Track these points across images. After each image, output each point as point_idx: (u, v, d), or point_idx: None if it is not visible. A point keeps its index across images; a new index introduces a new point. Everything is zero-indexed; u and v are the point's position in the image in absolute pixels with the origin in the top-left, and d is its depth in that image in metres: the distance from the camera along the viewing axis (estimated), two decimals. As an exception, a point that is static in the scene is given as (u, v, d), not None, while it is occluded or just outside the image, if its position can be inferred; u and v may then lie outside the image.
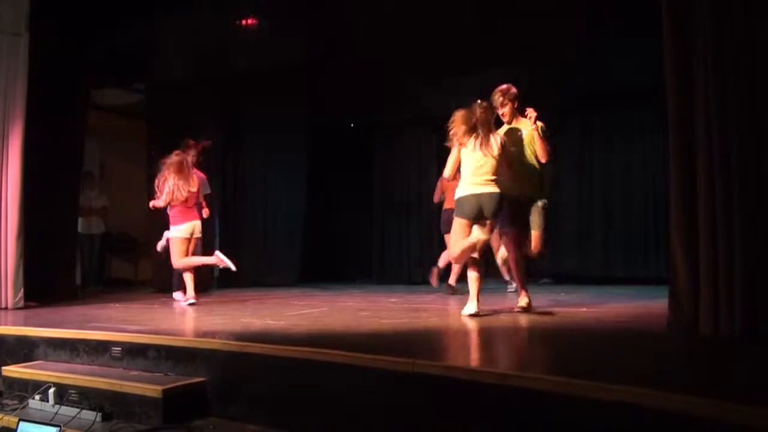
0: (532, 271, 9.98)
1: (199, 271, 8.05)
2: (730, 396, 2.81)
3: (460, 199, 5.89)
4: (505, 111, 6.13)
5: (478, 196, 5.77)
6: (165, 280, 8.94)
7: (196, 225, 7.77)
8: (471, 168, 5.83)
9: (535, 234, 5.99)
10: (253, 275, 10.74)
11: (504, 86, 6.11)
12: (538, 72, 9.87)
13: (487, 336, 5.11)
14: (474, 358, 4.32)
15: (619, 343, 4.66)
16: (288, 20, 9.12)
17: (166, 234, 7.83)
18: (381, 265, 11.46)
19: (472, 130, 5.84)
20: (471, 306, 5.76)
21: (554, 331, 5.19)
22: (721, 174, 4.22)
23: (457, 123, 5.93)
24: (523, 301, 6.08)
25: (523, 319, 5.61)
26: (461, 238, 5.81)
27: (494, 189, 5.75)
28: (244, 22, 9.12)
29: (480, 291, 5.82)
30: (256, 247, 11.03)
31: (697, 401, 2.75)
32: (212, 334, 5.03)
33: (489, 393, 3.36)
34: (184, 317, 6.58)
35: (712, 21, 4.31)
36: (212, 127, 10.44)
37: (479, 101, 5.95)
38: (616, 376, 3.45)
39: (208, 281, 9.50)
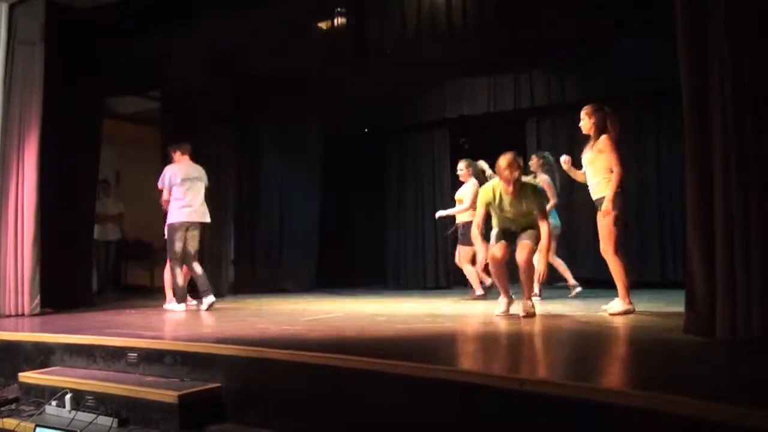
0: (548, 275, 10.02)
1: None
2: (749, 401, 2.78)
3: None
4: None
5: None
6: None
7: None
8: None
9: None
10: (268, 280, 10.77)
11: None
12: (549, 74, 9.89)
13: (503, 341, 5.09)
14: (491, 363, 4.30)
15: (635, 349, 4.63)
16: (301, 27, 9.14)
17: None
18: (396, 269, 11.45)
19: None
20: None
21: (571, 337, 5.17)
22: (738, 176, 4.19)
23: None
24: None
25: (541, 324, 5.58)
26: None
27: None
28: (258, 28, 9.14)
29: None
30: (272, 252, 11.06)
31: (715, 407, 2.73)
32: (228, 340, 5.03)
33: (506, 398, 3.34)
34: (200, 323, 6.59)
35: (727, 21, 4.28)
36: (229, 134, 10.50)
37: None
38: (633, 382, 3.43)
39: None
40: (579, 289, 8.08)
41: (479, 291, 8.44)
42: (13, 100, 7.66)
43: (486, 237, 7.76)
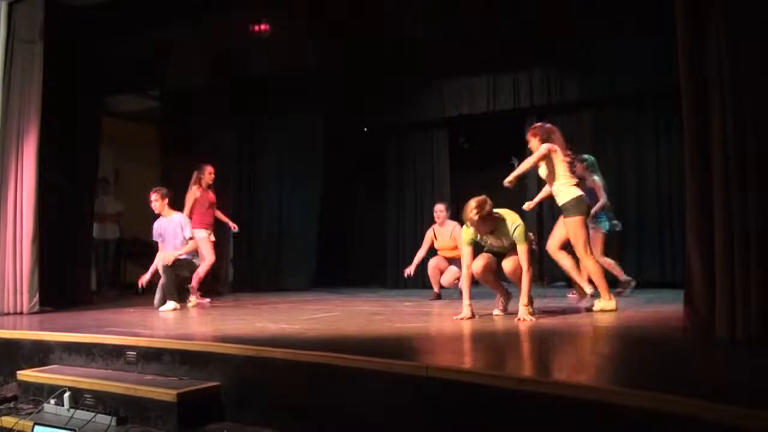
0: (547, 275, 10.04)
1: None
2: (748, 401, 2.78)
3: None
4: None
5: None
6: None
7: None
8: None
9: None
10: (267, 279, 10.77)
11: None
12: (549, 73, 9.90)
13: (501, 340, 5.09)
14: (489, 362, 4.30)
15: (634, 348, 4.63)
16: (300, 27, 9.15)
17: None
18: (395, 268, 11.44)
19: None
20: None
21: (569, 336, 5.17)
22: (737, 176, 4.18)
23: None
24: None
25: (539, 323, 5.57)
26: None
27: None
28: (257, 28, 9.14)
29: None
30: (271, 251, 11.06)
31: (714, 406, 2.73)
32: (227, 339, 5.03)
33: (504, 398, 3.33)
34: (199, 322, 6.59)
35: (727, 21, 4.28)
36: (228, 132, 10.50)
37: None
38: (632, 381, 3.43)
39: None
40: (629, 290, 7.88)
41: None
42: (13, 98, 7.66)
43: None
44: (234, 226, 8.87)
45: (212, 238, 8.55)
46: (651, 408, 2.87)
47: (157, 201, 7.87)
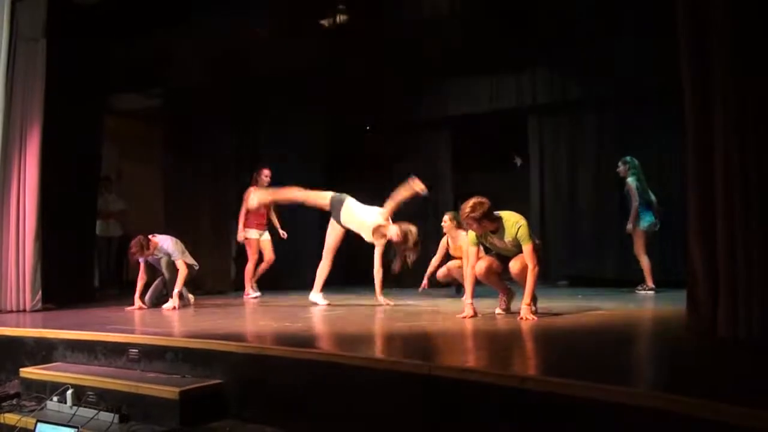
0: (550, 274, 10.02)
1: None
2: (749, 401, 2.78)
3: None
4: None
5: None
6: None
7: None
8: None
9: None
10: (269, 277, 10.76)
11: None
12: (550, 72, 9.90)
13: (503, 339, 5.09)
14: (491, 361, 4.30)
15: (636, 347, 4.64)
16: (303, 25, 9.15)
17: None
18: (398, 267, 11.42)
19: None
20: None
21: (572, 334, 5.17)
22: (739, 175, 4.18)
23: None
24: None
25: (541, 322, 5.57)
26: None
27: None
28: (260, 28, 9.14)
29: None
30: (274, 250, 11.04)
31: (716, 406, 2.73)
32: (229, 337, 5.03)
33: (507, 396, 3.34)
34: (202, 320, 6.59)
35: (728, 19, 4.28)
36: (230, 132, 10.50)
37: None
38: (634, 380, 3.43)
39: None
40: (650, 293, 8.16)
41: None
42: (16, 96, 7.67)
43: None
44: (283, 234, 9.32)
45: (266, 237, 9.25)
46: (653, 407, 2.88)
47: (146, 250, 7.52)
